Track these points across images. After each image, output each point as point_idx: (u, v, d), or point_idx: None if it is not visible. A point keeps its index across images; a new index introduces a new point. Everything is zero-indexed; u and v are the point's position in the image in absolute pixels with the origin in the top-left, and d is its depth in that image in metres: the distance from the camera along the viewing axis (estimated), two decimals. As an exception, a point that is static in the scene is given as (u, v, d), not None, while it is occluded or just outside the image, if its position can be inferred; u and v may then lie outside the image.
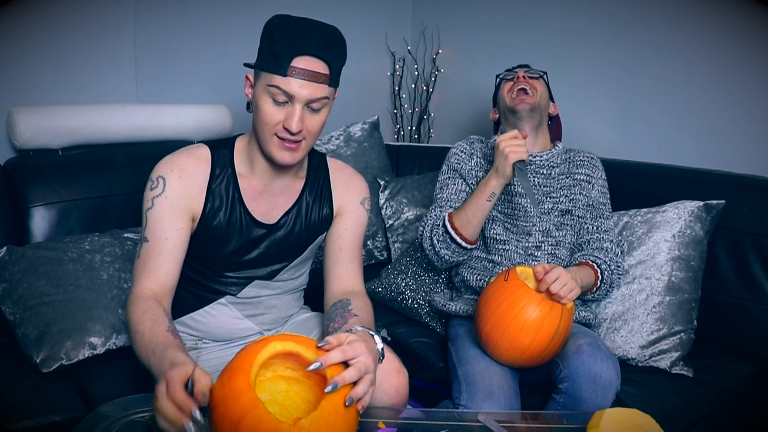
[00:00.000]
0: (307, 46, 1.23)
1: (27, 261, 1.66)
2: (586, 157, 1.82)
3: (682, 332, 1.69)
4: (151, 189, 1.31)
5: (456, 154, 1.83)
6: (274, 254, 1.43)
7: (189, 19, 2.33)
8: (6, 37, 1.97)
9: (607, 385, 1.38)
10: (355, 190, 1.49)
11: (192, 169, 1.33)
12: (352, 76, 2.92)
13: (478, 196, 1.63)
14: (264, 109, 1.27)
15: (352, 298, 1.36)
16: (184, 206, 1.31)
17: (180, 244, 1.30)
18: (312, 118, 1.29)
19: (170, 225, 1.29)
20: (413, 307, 1.93)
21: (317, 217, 1.45)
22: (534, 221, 1.73)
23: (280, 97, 1.25)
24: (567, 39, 2.32)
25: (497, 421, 1.13)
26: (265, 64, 1.26)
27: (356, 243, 1.47)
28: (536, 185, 1.76)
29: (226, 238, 1.37)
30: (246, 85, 1.34)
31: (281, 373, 1.04)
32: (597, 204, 1.76)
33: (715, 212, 1.78)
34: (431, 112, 2.90)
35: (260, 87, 1.27)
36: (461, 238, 1.65)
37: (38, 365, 1.54)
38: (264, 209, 1.40)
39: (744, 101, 1.98)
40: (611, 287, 1.69)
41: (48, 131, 1.95)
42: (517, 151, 1.57)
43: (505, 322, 1.42)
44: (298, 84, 1.24)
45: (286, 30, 1.24)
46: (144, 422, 1.08)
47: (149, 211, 1.29)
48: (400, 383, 1.25)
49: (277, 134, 1.28)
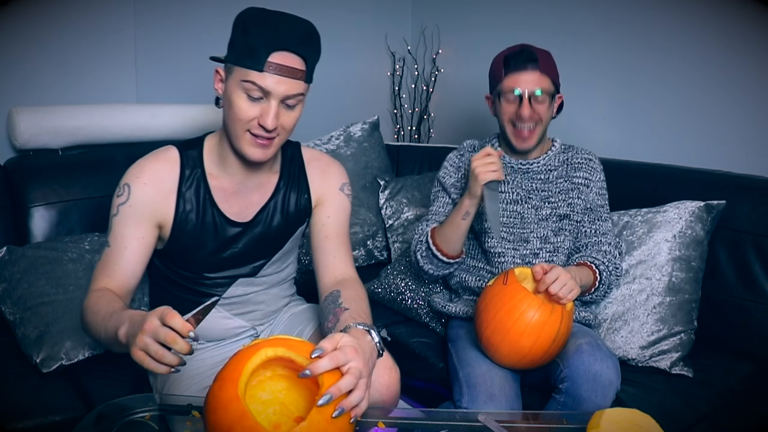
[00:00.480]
0: (284, 41, 1.20)
1: (27, 261, 1.66)
2: (584, 158, 1.76)
3: (682, 333, 1.69)
4: (117, 196, 1.30)
5: (444, 168, 1.80)
6: (254, 251, 1.41)
7: (189, 19, 2.33)
8: (6, 37, 1.97)
9: (608, 385, 1.38)
10: (333, 177, 1.46)
11: (159, 175, 1.31)
12: (352, 76, 2.94)
13: (454, 214, 1.61)
14: (238, 105, 1.23)
15: (342, 288, 1.32)
16: (148, 214, 1.30)
17: (139, 253, 1.29)
18: (287, 115, 1.26)
19: (131, 234, 1.28)
20: (413, 307, 1.93)
21: (295, 208, 1.43)
22: (532, 227, 1.70)
23: (255, 92, 1.21)
24: (567, 38, 2.32)
25: (497, 421, 1.13)
26: (239, 58, 1.22)
27: (341, 230, 1.44)
28: (534, 190, 1.72)
29: (201, 240, 1.35)
30: (216, 80, 1.30)
31: (281, 372, 1.03)
32: (595, 207, 1.73)
33: (715, 212, 1.78)
34: (431, 112, 2.90)
35: (233, 82, 1.24)
36: (442, 254, 1.65)
37: (38, 365, 1.54)
38: (238, 208, 1.37)
39: (744, 101, 1.98)
40: (609, 288, 1.69)
41: (48, 131, 1.95)
42: (488, 171, 1.53)
43: (506, 327, 1.41)
44: (275, 80, 1.21)
45: (263, 24, 1.21)
46: (144, 422, 1.08)
47: (114, 217, 1.30)
48: (391, 380, 1.25)
49: (251, 130, 1.25)
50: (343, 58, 2.74)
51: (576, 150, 1.79)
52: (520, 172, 1.74)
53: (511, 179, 1.73)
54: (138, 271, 1.30)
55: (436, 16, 2.82)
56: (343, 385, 0.96)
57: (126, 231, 1.28)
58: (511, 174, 1.74)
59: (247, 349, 0.99)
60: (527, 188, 1.72)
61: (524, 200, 1.72)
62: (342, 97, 2.76)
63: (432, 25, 2.82)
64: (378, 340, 1.14)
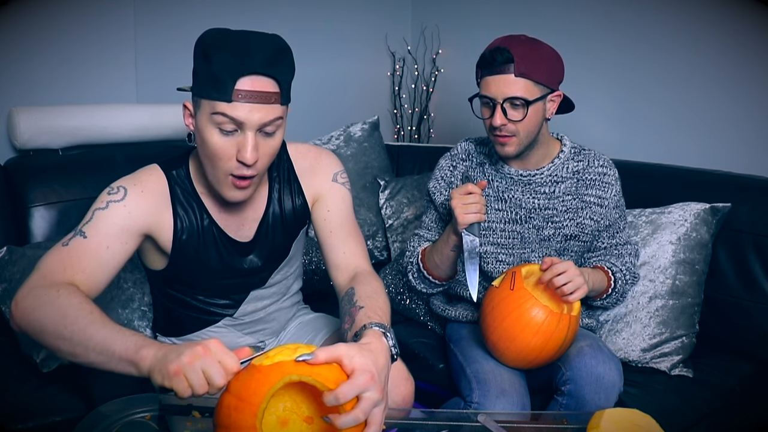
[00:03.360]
0: (250, 64, 1.08)
1: (27, 261, 1.66)
2: (597, 173, 1.58)
3: (684, 336, 1.68)
4: (109, 193, 1.19)
5: (435, 179, 1.66)
6: (261, 265, 1.36)
7: (189, 19, 2.32)
8: (6, 37, 1.97)
9: (611, 387, 1.37)
10: (323, 170, 1.36)
11: (156, 188, 1.23)
12: (352, 76, 2.95)
13: (442, 246, 1.52)
14: (211, 142, 1.12)
15: (356, 284, 1.23)
16: (141, 223, 1.20)
17: (118, 259, 1.16)
18: (266, 144, 1.14)
19: (116, 234, 1.15)
20: (412, 307, 1.93)
21: (292, 213, 1.35)
22: (533, 247, 1.59)
23: (227, 125, 1.10)
24: (567, 38, 2.31)
25: (497, 421, 1.13)
26: (204, 89, 1.10)
27: (345, 220, 1.35)
28: (535, 209, 1.57)
29: (205, 262, 1.29)
30: (185, 115, 1.18)
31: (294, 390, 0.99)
32: (614, 221, 1.61)
33: (720, 215, 1.77)
34: (431, 112, 2.90)
35: (203, 116, 1.12)
36: (433, 278, 1.59)
37: (38, 365, 1.54)
38: (234, 228, 1.30)
39: (744, 101, 1.98)
40: (622, 297, 1.62)
41: (48, 131, 1.95)
42: (468, 214, 1.40)
43: (513, 335, 1.40)
44: (247, 108, 1.09)
45: (224, 47, 1.09)
46: (144, 422, 1.08)
47: (99, 210, 1.16)
48: (407, 391, 1.24)
49: (233, 173, 1.14)
50: (343, 58, 2.74)
51: (588, 159, 1.59)
52: (521, 184, 1.58)
53: (510, 195, 1.58)
54: (111, 277, 1.17)
55: (436, 16, 2.81)
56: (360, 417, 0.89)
57: (111, 230, 1.16)
58: (511, 187, 1.59)
59: (269, 371, 0.89)
60: (528, 207, 1.58)
61: (524, 220, 1.58)
62: (342, 97, 2.76)
63: (432, 25, 2.82)
64: (393, 343, 1.05)
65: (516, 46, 1.44)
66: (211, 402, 1.05)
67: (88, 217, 1.17)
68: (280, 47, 1.13)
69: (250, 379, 0.89)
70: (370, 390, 0.90)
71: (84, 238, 1.14)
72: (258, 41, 1.11)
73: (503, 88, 1.44)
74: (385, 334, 1.05)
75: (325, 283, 1.98)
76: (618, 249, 1.63)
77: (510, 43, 1.45)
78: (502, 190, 1.60)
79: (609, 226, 1.62)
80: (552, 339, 1.38)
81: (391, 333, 1.06)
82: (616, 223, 1.63)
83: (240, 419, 0.86)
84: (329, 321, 1.51)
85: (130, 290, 1.69)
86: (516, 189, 1.59)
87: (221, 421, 0.88)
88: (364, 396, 0.89)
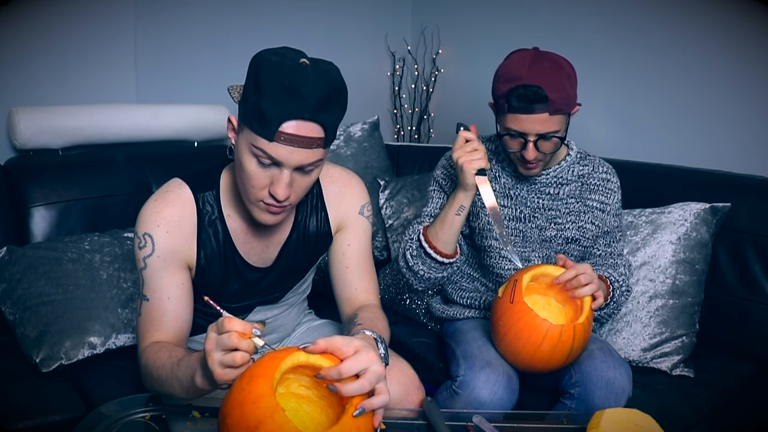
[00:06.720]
0: (300, 109, 1.04)
1: (27, 261, 1.66)
2: (601, 179, 1.60)
3: (684, 336, 1.68)
4: (140, 248, 1.20)
5: (442, 166, 1.67)
6: (277, 284, 1.36)
7: (189, 19, 2.33)
8: (6, 37, 1.97)
9: (621, 392, 1.36)
10: (352, 200, 1.35)
11: (178, 221, 1.21)
12: (352, 76, 2.92)
13: (447, 210, 1.50)
14: (248, 170, 1.11)
15: (360, 311, 1.27)
16: (179, 259, 1.21)
17: (183, 299, 1.21)
18: (302, 180, 1.13)
19: (169, 283, 1.19)
20: (411, 307, 1.93)
21: (315, 237, 1.34)
22: (534, 246, 1.60)
23: (264, 160, 1.08)
24: (567, 38, 2.32)
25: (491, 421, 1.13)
26: (249, 120, 1.08)
27: (362, 257, 1.36)
28: (539, 208, 1.59)
29: (226, 283, 1.29)
30: (228, 128, 1.18)
31: (295, 390, 1.01)
32: (611, 229, 1.62)
33: (720, 215, 1.77)
34: (431, 112, 2.90)
35: (243, 141, 1.10)
36: (435, 252, 1.53)
37: (38, 365, 1.54)
38: (257, 250, 1.30)
39: (744, 101, 1.97)
40: (617, 309, 1.62)
41: (48, 131, 1.95)
42: (474, 160, 1.41)
43: (516, 349, 1.39)
44: (287, 150, 1.06)
45: (276, 83, 1.04)
46: (144, 422, 1.08)
47: (143, 270, 1.20)
48: (418, 399, 1.25)
49: (263, 200, 1.14)
50: (343, 58, 2.69)
51: (593, 164, 1.63)
52: (527, 183, 1.60)
53: (516, 193, 1.61)
54: (188, 317, 1.22)
55: (436, 16, 2.81)
56: (376, 402, 0.92)
57: (162, 282, 1.19)
58: (517, 185, 1.61)
59: (279, 351, 0.94)
60: (532, 206, 1.60)
61: (528, 219, 1.60)
62: (342, 97, 2.75)
63: (432, 25, 2.82)
64: (384, 353, 1.08)
65: (546, 80, 1.40)
66: (212, 402, 1.06)
67: (141, 280, 1.22)
68: (336, 89, 1.08)
69: (261, 360, 0.93)
70: (373, 364, 0.92)
71: (148, 301, 1.20)
72: (314, 82, 1.05)
73: (537, 126, 1.43)
74: (377, 341, 1.09)
75: (325, 283, 1.97)
76: (614, 259, 1.62)
77: (538, 77, 1.40)
78: (509, 187, 1.62)
79: (607, 233, 1.63)
80: (556, 351, 1.34)
81: (383, 344, 1.09)
82: (613, 231, 1.64)
83: (254, 390, 0.88)
84: (336, 328, 1.51)
85: (130, 290, 1.69)
86: (522, 187, 1.61)
87: (234, 400, 0.89)
88: (369, 369, 0.92)
